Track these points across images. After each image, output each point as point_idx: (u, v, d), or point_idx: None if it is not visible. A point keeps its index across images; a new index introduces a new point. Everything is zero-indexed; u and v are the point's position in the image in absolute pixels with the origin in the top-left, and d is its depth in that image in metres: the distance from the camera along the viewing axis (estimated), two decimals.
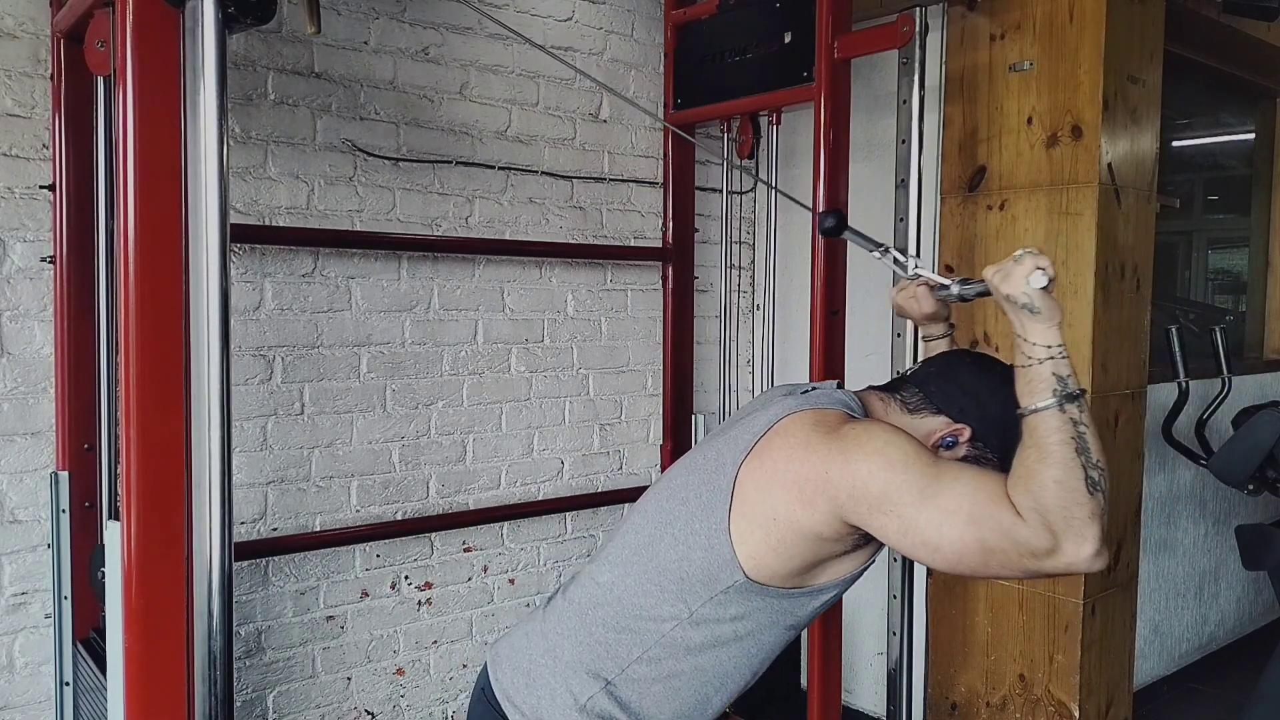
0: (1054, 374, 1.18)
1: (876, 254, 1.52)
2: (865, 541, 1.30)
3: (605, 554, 1.41)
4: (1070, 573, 1.15)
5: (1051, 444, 1.15)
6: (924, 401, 1.38)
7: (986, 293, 1.31)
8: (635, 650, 1.31)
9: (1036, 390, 1.18)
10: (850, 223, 1.57)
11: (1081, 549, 1.12)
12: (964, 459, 1.34)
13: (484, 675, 1.43)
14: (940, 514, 1.17)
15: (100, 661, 1.83)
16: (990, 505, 1.16)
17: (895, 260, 1.53)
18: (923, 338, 1.67)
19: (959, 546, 1.16)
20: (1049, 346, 1.19)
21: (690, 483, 1.36)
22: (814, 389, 1.39)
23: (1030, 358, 1.20)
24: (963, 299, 1.45)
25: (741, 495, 1.28)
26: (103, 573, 1.63)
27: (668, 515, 1.35)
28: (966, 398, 1.36)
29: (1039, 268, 1.18)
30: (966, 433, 1.35)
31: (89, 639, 2.01)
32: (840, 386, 1.41)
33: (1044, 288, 1.18)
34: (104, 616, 1.69)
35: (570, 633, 1.35)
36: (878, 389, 1.45)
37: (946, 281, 1.46)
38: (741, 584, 1.27)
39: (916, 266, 1.55)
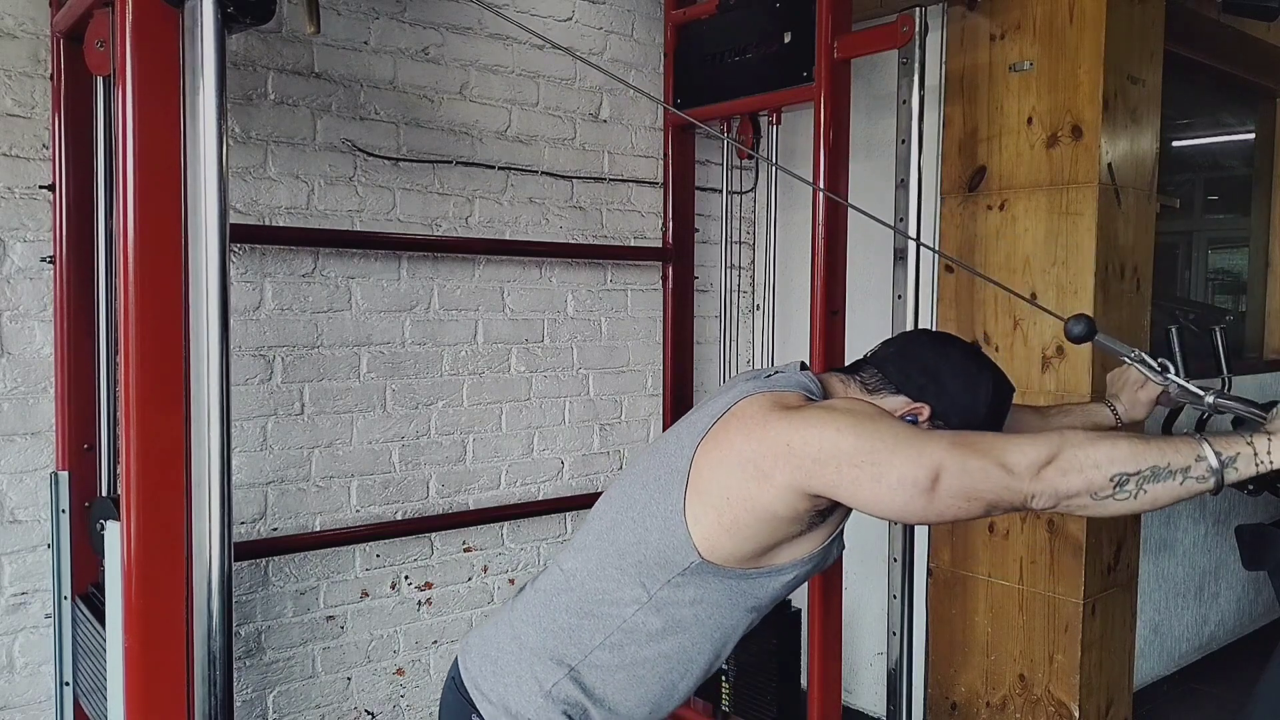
0: (1237, 462, 1.19)
1: (1128, 360, 1.52)
2: (821, 520, 1.30)
3: (572, 543, 1.43)
4: (1023, 503, 1.18)
5: (1157, 457, 1.17)
6: (883, 381, 1.39)
7: (1252, 418, 1.32)
8: (597, 636, 1.32)
9: (1226, 448, 1.19)
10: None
11: (1055, 483, 1.16)
12: None
13: (455, 665, 1.44)
14: (917, 450, 1.18)
15: (99, 613, 1.84)
16: (977, 434, 1.21)
17: (1149, 368, 1.51)
18: (1109, 396, 1.75)
19: (934, 472, 1.17)
20: (1269, 456, 1.19)
21: (650, 467, 1.37)
22: (776, 373, 1.39)
23: (1251, 442, 1.20)
24: (1217, 412, 1.44)
25: (696, 476, 1.28)
26: (102, 524, 1.64)
27: (628, 500, 1.37)
28: (925, 376, 1.37)
29: None
30: (926, 411, 1.36)
31: (87, 593, 2.01)
32: (805, 367, 1.42)
33: None
34: (103, 571, 1.70)
35: (535, 620, 1.37)
36: (838, 371, 1.46)
37: (1201, 393, 1.45)
38: (697, 565, 1.28)
39: (1172, 374, 1.51)
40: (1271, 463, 1.18)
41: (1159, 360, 1.50)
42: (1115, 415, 1.73)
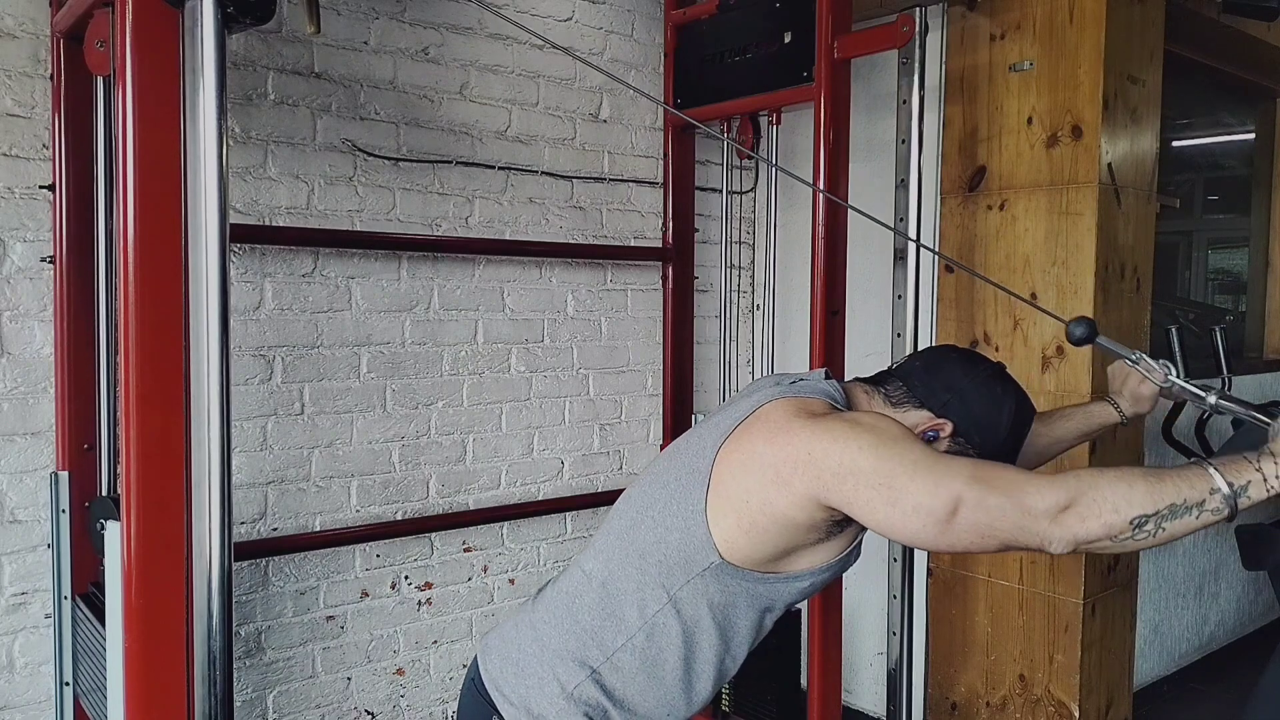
0: (1249, 490, 1.18)
1: (1129, 362, 1.53)
2: (839, 530, 1.30)
3: (592, 544, 1.43)
4: (1041, 545, 1.17)
5: (1173, 494, 1.16)
6: (907, 395, 1.39)
7: (1250, 420, 1.34)
8: (619, 638, 1.32)
9: (1237, 476, 1.19)
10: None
11: (1074, 529, 1.15)
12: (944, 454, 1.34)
13: (474, 666, 1.44)
14: (935, 479, 1.17)
15: (99, 613, 1.83)
16: (997, 467, 1.19)
17: (1150, 370, 1.52)
18: (1112, 392, 1.72)
19: (952, 504, 1.16)
20: (1278, 479, 1.19)
21: (671, 468, 1.38)
22: (801, 380, 1.39)
23: (1259, 468, 1.20)
24: (1218, 412, 1.45)
25: (718, 478, 1.29)
26: (102, 523, 1.65)
27: (648, 500, 1.37)
28: (950, 393, 1.37)
29: None
30: (948, 428, 1.36)
31: (88, 593, 2.01)
32: (829, 376, 1.41)
33: None
34: (103, 570, 1.70)
35: (557, 621, 1.37)
36: (863, 381, 1.46)
37: (1204, 394, 1.46)
38: (717, 565, 1.29)
39: (1173, 375, 1.52)
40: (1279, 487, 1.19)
41: (1161, 361, 1.51)
42: (1119, 412, 1.71)
